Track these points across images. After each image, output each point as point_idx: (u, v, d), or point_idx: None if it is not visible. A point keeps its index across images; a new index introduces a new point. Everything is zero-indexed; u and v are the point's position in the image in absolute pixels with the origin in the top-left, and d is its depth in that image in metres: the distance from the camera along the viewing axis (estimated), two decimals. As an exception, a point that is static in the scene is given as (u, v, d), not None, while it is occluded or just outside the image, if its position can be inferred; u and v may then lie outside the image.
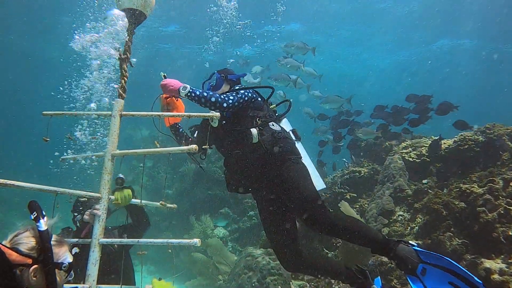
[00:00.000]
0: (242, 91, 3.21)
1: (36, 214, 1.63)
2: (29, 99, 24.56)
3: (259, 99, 3.35)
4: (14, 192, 15.68)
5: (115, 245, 3.60)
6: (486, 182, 5.06)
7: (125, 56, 2.82)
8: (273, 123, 3.27)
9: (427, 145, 7.00)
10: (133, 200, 2.95)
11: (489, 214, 4.63)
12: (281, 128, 3.32)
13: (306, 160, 3.36)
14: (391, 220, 6.04)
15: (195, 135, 3.51)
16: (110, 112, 2.68)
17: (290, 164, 3.13)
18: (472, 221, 4.78)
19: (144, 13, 2.91)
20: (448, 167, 6.43)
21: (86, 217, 3.50)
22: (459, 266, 2.72)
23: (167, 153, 2.52)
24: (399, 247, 2.93)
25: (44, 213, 1.65)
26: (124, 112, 2.68)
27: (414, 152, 6.97)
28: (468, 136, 6.42)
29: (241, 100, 3.16)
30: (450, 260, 2.76)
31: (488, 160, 6.04)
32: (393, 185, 6.52)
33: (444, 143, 6.80)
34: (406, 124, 8.39)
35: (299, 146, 3.39)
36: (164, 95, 3.20)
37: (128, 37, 2.87)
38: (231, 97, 3.12)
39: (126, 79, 2.80)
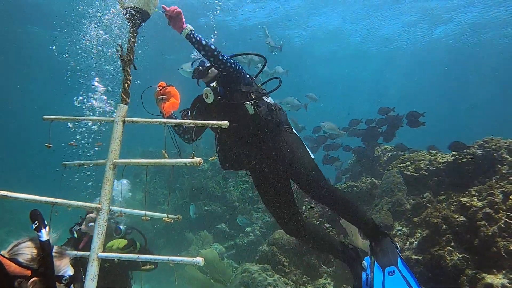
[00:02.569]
0: (233, 60, 3.32)
1: (37, 224, 1.55)
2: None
3: (247, 75, 3.45)
4: (5, 208, 15.49)
5: (116, 260, 3.52)
6: (486, 195, 4.98)
7: (128, 58, 2.69)
8: (266, 97, 3.41)
9: (426, 159, 6.95)
10: (136, 211, 2.79)
11: (489, 228, 4.54)
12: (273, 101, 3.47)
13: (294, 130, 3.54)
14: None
15: (188, 115, 3.56)
16: (112, 118, 2.56)
17: (286, 134, 3.31)
18: (473, 235, 4.68)
19: (148, 12, 2.80)
20: (447, 181, 6.37)
21: (83, 227, 3.41)
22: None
23: (169, 165, 2.40)
24: (386, 240, 3.29)
25: (46, 223, 1.57)
26: (127, 118, 2.56)
27: (412, 166, 6.91)
28: (466, 150, 6.38)
29: (233, 65, 3.26)
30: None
31: (486, 173, 5.98)
32: (391, 200, 6.44)
33: (443, 157, 6.76)
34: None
35: None
36: (160, 85, 3.20)
37: (131, 37, 2.74)
38: (226, 56, 3.22)
39: (129, 82, 2.68)
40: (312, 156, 3.46)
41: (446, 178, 6.43)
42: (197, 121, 2.56)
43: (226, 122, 2.38)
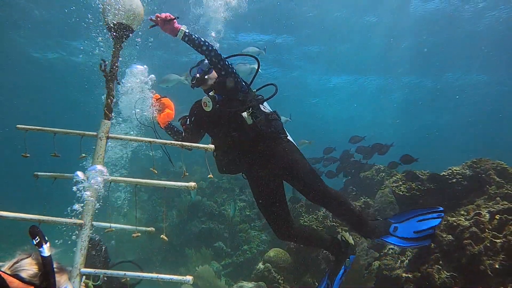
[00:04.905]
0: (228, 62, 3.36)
1: (38, 240, 1.52)
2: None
3: (243, 82, 3.50)
4: (4, 223, 15.45)
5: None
6: (473, 215, 5.15)
7: (111, 73, 2.65)
8: (262, 105, 3.49)
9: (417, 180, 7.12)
10: (126, 226, 2.86)
11: (475, 247, 4.69)
12: (270, 110, 3.56)
13: (290, 137, 3.64)
14: (381, 254, 6.07)
15: (187, 123, 3.63)
16: (95, 133, 2.53)
17: (282, 142, 3.43)
18: (460, 254, 4.83)
19: (131, 27, 2.75)
20: (437, 201, 6.52)
21: None
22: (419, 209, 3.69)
23: (162, 186, 2.41)
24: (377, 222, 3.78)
25: (46, 239, 1.54)
26: (111, 135, 2.55)
27: (404, 185, 7.08)
28: (456, 170, 6.56)
29: (231, 67, 3.32)
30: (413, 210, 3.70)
31: (475, 193, 6.15)
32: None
33: (433, 177, 6.93)
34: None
35: None
36: (155, 97, 3.30)
37: (115, 53, 2.70)
38: (224, 56, 3.27)
39: (112, 98, 2.64)
40: None
41: (436, 198, 6.58)
42: (184, 143, 2.56)
43: (212, 146, 2.49)
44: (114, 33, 2.68)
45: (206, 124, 3.55)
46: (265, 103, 3.59)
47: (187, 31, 3.08)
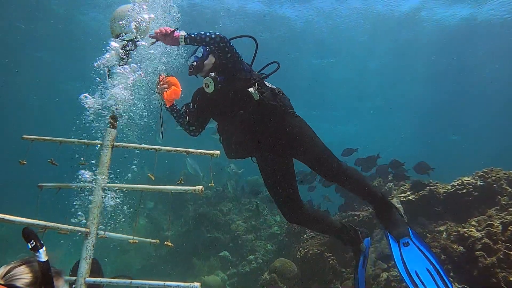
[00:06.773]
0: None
1: (34, 243, 1.42)
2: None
3: (245, 62, 3.42)
4: (8, 230, 15.46)
5: None
6: (485, 226, 5.02)
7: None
8: (266, 81, 3.40)
9: (426, 190, 7.00)
10: (124, 236, 2.83)
11: (488, 259, 4.57)
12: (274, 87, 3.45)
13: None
14: (390, 265, 5.94)
15: (190, 108, 3.56)
16: (101, 142, 2.55)
17: (291, 117, 3.34)
18: (472, 266, 4.70)
19: (137, 39, 2.83)
20: (447, 211, 6.40)
21: None
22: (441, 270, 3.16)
23: (168, 191, 2.38)
24: (394, 211, 3.44)
25: (42, 242, 1.44)
26: (116, 143, 2.56)
27: (413, 196, 6.96)
28: (466, 181, 6.44)
29: (235, 49, 3.21)
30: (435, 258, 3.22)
31: (486, 204, 6.02)
32: (392, 229, 6.46)
33: (443, 187, 6.81)
34: None
35: None
36: (161, 77, 3.28)
37: (121, 62, 2.76)
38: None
39: (117, 107, 2.69)
40: None
41: (445, 208, 6.46)
42: (190, 150, 2.59)
43: (218, 152, 2.46)
44: (121, 46, 2.76)
45: (210, 107, 3.46)
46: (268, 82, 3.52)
47: (186, 34, 3.07)
